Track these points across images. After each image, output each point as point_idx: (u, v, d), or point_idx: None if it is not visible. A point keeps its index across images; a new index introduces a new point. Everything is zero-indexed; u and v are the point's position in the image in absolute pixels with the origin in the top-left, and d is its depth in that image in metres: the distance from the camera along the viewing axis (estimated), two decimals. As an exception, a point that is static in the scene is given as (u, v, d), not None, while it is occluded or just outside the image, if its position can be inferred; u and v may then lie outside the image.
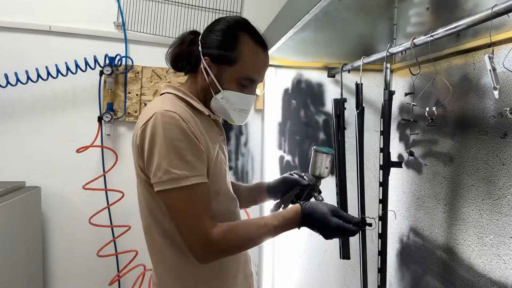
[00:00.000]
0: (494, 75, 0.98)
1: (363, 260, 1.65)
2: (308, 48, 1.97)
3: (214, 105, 1.04)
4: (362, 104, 1.62)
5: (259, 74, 1.05)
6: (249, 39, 1.01)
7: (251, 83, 1.04)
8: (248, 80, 1.03)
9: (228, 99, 1.02)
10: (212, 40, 1.01)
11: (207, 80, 1.01)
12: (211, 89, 1.02)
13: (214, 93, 1.02)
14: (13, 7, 2.09)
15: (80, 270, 2.21)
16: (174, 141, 0.89)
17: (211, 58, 1.01)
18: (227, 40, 1.00)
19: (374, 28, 1.85)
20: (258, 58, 1.03)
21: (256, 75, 1.04)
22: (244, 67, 1.01)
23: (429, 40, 1.15)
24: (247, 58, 1.00)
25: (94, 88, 2.17)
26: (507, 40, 1.22)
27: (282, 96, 2.14)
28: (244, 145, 2.31)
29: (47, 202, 2.14)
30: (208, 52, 1.01)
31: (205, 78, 1.02)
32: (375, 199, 1.47)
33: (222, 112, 1.06)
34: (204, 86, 1.03)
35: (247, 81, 1.03)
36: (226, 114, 1.06)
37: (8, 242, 1.74)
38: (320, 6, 1.18)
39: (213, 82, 1.01)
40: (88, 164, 2.18)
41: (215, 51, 1.00)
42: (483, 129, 1.34)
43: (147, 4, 2.22)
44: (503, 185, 1.26)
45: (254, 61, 1.02)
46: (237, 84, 1.02)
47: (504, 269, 1.26)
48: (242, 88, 1.03)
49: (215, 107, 1.05)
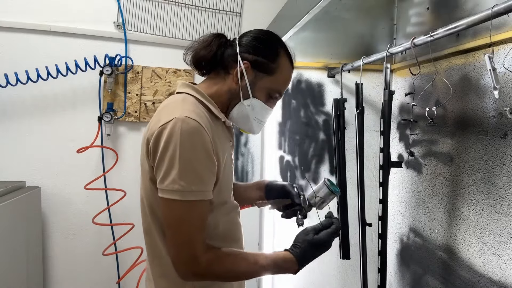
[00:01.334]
0: (494, 75, 0.98)
1: (363, 260, 1.65)
2: (308, 48, 1.97)
3: (238, 111, 1.04)
4: (362, 104, 1.62)
5: (285, 89, 1.10)
6: (285, 55, 1.06)
7: (278, 96, 1.08)
8: (277, 93, 1.07)
9: (253, 107, 1.04)
10: (254, 46, 1.03)
11: (240, 84, 1.01)
12: (241, 94, 1.02)
13: (243, 99, 1.03)
14: (13, 7, 2.09)
15: (80, 270, 2.21)
16: (189, 152, 0.86)
17: (252, 64, 1.02)
18: (270, 50, 1.04)
19: (374, 28, 1.85)
20: (289, 75, 1.09)
21: (284, 90, 1.09)
22: (278, 80, 1.05)
23: (429, 40, 1.15)
24: (283, 72, 1.05)
25: (94, 88, 2.17)
26: (507, 40, 1.22)
27: (282, 96, 2.14)
28: (244, 145, 2.31)
29: (47, 202, 2.14)
30: (249, 58, 1.02)
31: (237, 81, 1.01)
32: (375, 199, 1.47)
33: (243, 119, 1.06)
34: (233, 90, 1.03)
35: (275, 93, 1.06)
36: (247, 123, 1.06)
37: (8, 242, 1.74)
38: (320, 6, 1.18)
39: (245, 87, 1.02)
40: (88, 164, 2.18)
41: (258, 58, 1.02)
42: (483, 129, 1.34)
43: (147, 4, 2.22)
44: (503, 185, 1.26)
45: (286, 77, 1.08)
46: (266, 94, 1.05)
47: (504, 269, 1.26)
48: (268, 99, 1.06)
49: (238, 113, 1.05)
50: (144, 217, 1.05)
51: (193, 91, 1.00)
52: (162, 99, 2.25)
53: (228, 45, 1.06)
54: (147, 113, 2.24)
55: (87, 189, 2.06)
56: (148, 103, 2.23)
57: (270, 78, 1.03)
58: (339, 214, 1.77)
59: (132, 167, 2.23)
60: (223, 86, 1.04)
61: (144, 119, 2.24)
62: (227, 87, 1.04)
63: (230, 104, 1.05)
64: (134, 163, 2.26)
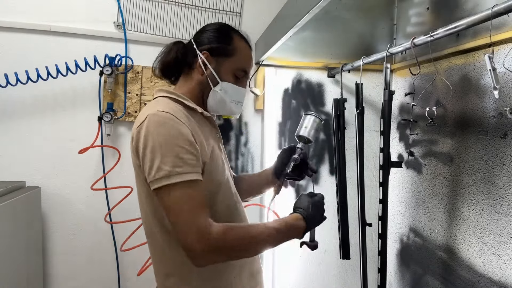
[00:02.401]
0: (494, 75, 0.98)
1: (363, 260, 1.65)
2: (308, 48, 1.98)
3: (212, 98, 1.10)
4: (362, 104, 1.62)
5: (250, 67, 1.16)
6: (239, 37, 1.14)
7: (244, 75, 1.14)
8: (243, 72, 1.12)
9: (226, 91, 1.10)
10: (208, 37, 1.11)
11: (206, 73, 1.08)
12: (209, 82, 1.08)
13: (213, 86, 1.09)
14: (13, 7, 2.08)
15: (80, 270, 2.21)
16: (167, 139, 0.91)
17: (210, 52, 1.09)
18: (223, 36, 1.11)
19: (374, 28, 1.85)
20: (249, 53, 1.15)
21: (248, 68, 1.15)
22: (240, 59, 1.11)
23: (429, 40, 1.15)
24: (241, 52, 1.11)
25: (94, 88, 2.17)
26: (507, 40, 1.22)
27: (282, 96, 2.14)
28: (244, 145, 2.31)
29: (47, 202, 2.14)
30: (206, 47, 1.09)
31: (202, 72, 1.08)
32: (375, 199, 1.47)
33: (220, 104, 1.11)
34: (202, 80, 1.09)
35: (241, 72, 1.12)
36: (224, 106, 1.11)
37: (8, 242, 1.74)
38: (320, 6, 1.18)
39: (211, 75, 1.08)
40: (88, 164, 2.18)
41: (214, 45, 1.09)
42: (483, 129, 1.34)
43: (147, 4, 2.22)
44: (503, 185, 1.26)
45: (246, 55, 1.14)
46: (233, 76, 1.11)
47: (504, 269, 1.26)
48: (237, 80, 1.12)
49: (214, 101, 1.10)
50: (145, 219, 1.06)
51: (165, 93, 1.08)
52: (162, 99, 2.26)
53: (186, 46, 1.14)
54: (147, 113, 2.24)
55: (93, 189, 2.06)
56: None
57: (231, 59, 1.10)
58: (339, 214, 1.77)
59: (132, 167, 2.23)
60: (192, 82, 1.11)
61: (144, 119, 2.24)
62: (195, 81, 1.10)
63: (204, 96, 1.11)
64: (134, 163, 2.25)
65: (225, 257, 0.94)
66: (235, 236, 0.92)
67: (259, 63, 2.14)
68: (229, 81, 1.10)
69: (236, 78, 1.12)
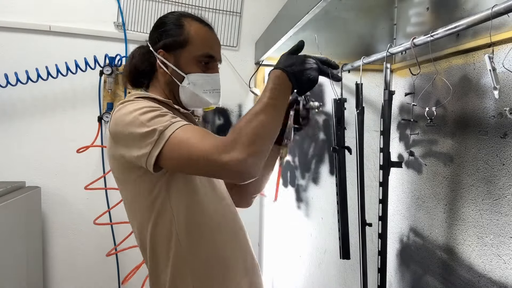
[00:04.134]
0: (494, 75, 0.98)
1: (363, 260, 1.65)
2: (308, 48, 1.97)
3: (183, 94, 1.04)
4: (362, 104, 1.62)
5: (213, 50, 1.06)
6: (192, 20, 1.06)
7: (210, 60, 1.05)
8: (206, 57, 1.04)
9: (195, 83, 1.03)
10: (158, 34, 1.05)
11: (168, 72, 1.03)
12: (175, 79, 1.03)
13: (179, 82, 1.03)
14: (13, 7, 2.08)
15: (80, 270, 2.21)
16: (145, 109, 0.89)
17: (164, 49, 1.03)
18: (172, 28, 1.04)
19: (374, 28, 1.85)
20: (206, 35, 1.06)
21: (211, 50, 1.05)
22: (197, 45, 1.03)
23: (429, 40, 1.15)
24: (196, 36, 1.03)
25: (94, 88, 2.17)
26: (507, 40, 1.22)
27: (282, 96, 2.13)
28: (244, 145, 2.31)
29: (47, 202, 2.14)
30: (159, 46, 1.04)
31: (165, 72, 1.04)
32: (375, 199, 1.47)
33: (194, 99, 1.05)
34: (168, 79, 1.04)
35: (205, 58, 1.04)
36: (199, 99, 1.05)
37: (8, 242, 1.74)
38: (320, 6, 1.18)
39: (174, 71, 1.03)
40: (88, 164, 2.18)
41: (166, 41, 1.03)
42: (483, 129, 1.34)
43: (147, 4, 2.22)
44: (503, 185, 1.26)
45: (204, 38, 1.05)
46: (197, 64, 1.04)
47: (504, 269, 1.26)
48: (204, 68, 1.05)
49: (186, 97, 1.05)
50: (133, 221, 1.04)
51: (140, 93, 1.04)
52: (162, 99, 2.26)
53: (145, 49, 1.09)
54: (147, 113, 2.24)
55: (87, 189, 2.06)
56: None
57: (187, 48, 1.03)
58: (339, 214, 1.77)
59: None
60: (160, 83, 1.07)
61: (144, 119, 2.24)
62: (162, 82, 1.06)
63: (175, 94, 1.06)
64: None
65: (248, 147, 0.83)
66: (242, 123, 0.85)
67: (259, 63, 2.14)
68: (195, 72, 1.03)
69: (204, 66, 1.04)
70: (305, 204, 2.17)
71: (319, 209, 2.17)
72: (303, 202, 2.17)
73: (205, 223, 1.02)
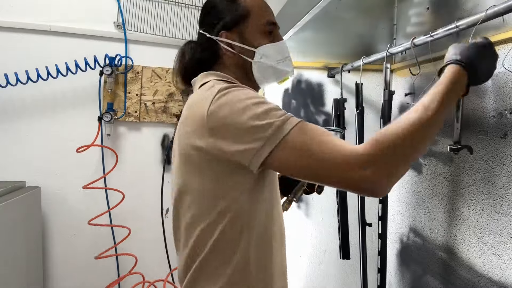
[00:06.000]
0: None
1: (363, 260, 1.65)
2: (308, 48, 1.97)
3: (258, 71, 0.97)
4: (362, 104, 1.62)
5: (272, 16, 1.01)
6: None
7: (274, 27, 1.00)
8: (270, 25, 0.99)
9: (267, 55, 0.97)
10: (214, 17, 0.99)
11: (236, 52, 0.97)
12: (245, 57, 0.97)
13: (250, 59, 0.97)
14: (13, 7, 2.09)
15: (80, 270, 2.21)
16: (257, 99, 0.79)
17: (226, 29, 0.97)
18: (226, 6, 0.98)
19: (374, 28, 1.85)
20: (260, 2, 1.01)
21: (271, 16, 1.00)
22: (257, 14, 0.98)
23: (429, 40, 1.15)
24: (254, 4, 0.98)
25: (94, 88, 2.17)
26: (507, 40, 1.22)
27: (282, 96, 2.14)
28: (244, 145, 2.31)
29: (47, 202, 2.14)
30: (219, 27, 0.97)
31: (232, 53, 0.97)
32: (375, 199, 1.47)
33: (270, 72, 0.98)
34: (237, 60, 0.98)
35: (269, 26, 0.99)
36: (275, 70, 0.99)
37: (8, 242, 1.74)
38: (320, 6, 1.18)
39: (242, 49, 0.96)
40: (88, 164, 2.18)
41: (225, 20, 0.97)
42: (483, 129, 1.34)
43: (147, 4, 2.22)
44: (503, 185, 1.26)
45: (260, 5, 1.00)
46: (263, 35, 0.98)
47: (504, 269, 1.26)
48: (270, 36, 0.99)
49: (261, 72, 0.98)
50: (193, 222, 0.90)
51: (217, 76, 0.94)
52: (162, 99, 2.26)
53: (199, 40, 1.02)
54: (147, 113, 2.24)
55: (85, 188, 2.06)
56: (148, 103, 2.23)
57: (249, 21, 0.97)
58: (339, 214, 1.78)
59: (132, 167, 2.23)
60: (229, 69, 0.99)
61: (144, 119, 2.24)
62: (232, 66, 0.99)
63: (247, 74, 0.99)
64: (134, 163, 2.26)
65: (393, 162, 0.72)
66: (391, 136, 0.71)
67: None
68: (264, 43, 0.97)
69: (268, 35, 0.98)
70: (305, 204, 2.17)
71: (319, 209, 2.17)
72: (303, 202, 2.17)
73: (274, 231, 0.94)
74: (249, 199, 0.87)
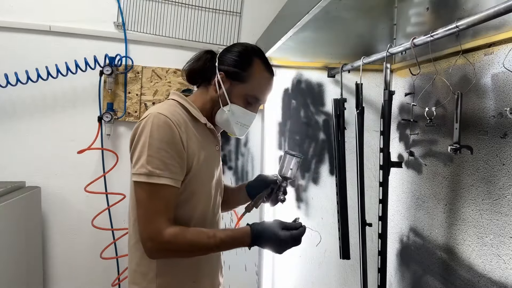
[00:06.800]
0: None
1: (363, 260, 1.65)
2: (308, 48, 1.97)
3: (219, 116, 1.15)
4: (362, 104, 1.62)
5: (263, 96, 1.18)
6: (261, 64, 1.16)
7: (256, 102, 1.17)
8: (254, 99, 1.16)
9: (233, 113, 1.15)
10: (228, 58, 1.15)
11: (218, 92, 1.13)
12: (220, 101, 1.14)
13: (222, 105, 1.14)
14: (13, 7, 2.09)
15: (80, 270, 2.21)
16: (157, 141, 0.99)
17: (226, 74, 1.13)
18: (242, 61, 1.14)
19: (374, 28, 1.85)
20: (265, 82, 1.18)
21: (261, 96, 1.18)
22: (252, 87, 1.14)
23: (429, 40, 1.15)
24: (256, 80, 1.15)
25: (94, 88, 2.17)
26: (507, 40, 1.22)
27: (282, 96, 2.14)
28: (244, 145, 2.31)
29: (47, 202, 2.14)
30: (224, 68, 1.14)
31: (216, 90, 1.14)
32: (375, 199, 1.47)
33: (225, 124, 1.17)
34: (214, 97, 1.15)
35: (253, 99, 1.16)
36: (229, 126, 1.17)
37: (8, 242, 1.74)
38: (320, 6, 1.18)
39: (223, 95, 1.13)
40: (88, 164, 2.18)
41: (231, 68, 1.13)
42: (483, 129, 1.34)
43: (147, 4, 2.22)
44: (503, 185, 1.26)
45: (262, 83, 1.17)
46: (244, 100, 1.15)
47: (504, 269, 1.26)
48: (248, 105, 1.16)
49: (220, 118, 1.16)
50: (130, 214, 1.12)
51: (177, 97, 1.15)
52: (162, 99, 2.26)
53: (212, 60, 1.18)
54: (147, 113, 2.24)
55: (87, 191, 2.07)
56: (148, 103, 2.23)
57: (244, 85, 1.13)
58: (339, 214, 1.78)
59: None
60: (207, 96, 1.17)
61: (144, 119, 2.24)
62: (209, 96, 1.16)
63: (213, 111, 1.16)
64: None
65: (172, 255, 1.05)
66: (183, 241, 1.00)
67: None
68: (239, 105, 1.14)
69: (247, 103, 1.16)
70: (305, 204, 2.17)
71: (319, 209, 2.17)
72: (303, 202, 2.17)
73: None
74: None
